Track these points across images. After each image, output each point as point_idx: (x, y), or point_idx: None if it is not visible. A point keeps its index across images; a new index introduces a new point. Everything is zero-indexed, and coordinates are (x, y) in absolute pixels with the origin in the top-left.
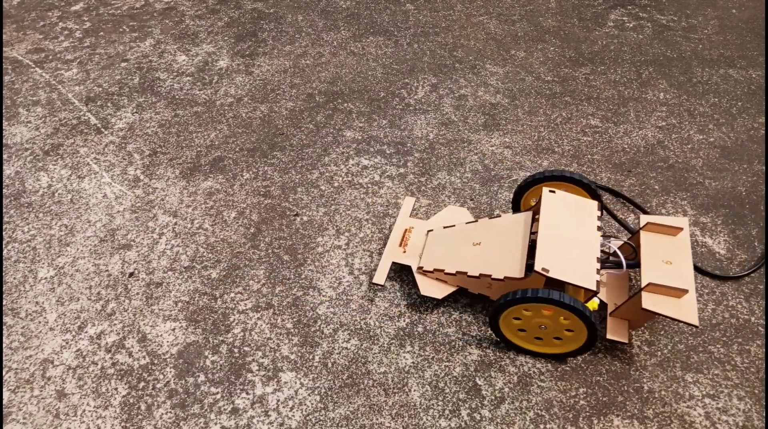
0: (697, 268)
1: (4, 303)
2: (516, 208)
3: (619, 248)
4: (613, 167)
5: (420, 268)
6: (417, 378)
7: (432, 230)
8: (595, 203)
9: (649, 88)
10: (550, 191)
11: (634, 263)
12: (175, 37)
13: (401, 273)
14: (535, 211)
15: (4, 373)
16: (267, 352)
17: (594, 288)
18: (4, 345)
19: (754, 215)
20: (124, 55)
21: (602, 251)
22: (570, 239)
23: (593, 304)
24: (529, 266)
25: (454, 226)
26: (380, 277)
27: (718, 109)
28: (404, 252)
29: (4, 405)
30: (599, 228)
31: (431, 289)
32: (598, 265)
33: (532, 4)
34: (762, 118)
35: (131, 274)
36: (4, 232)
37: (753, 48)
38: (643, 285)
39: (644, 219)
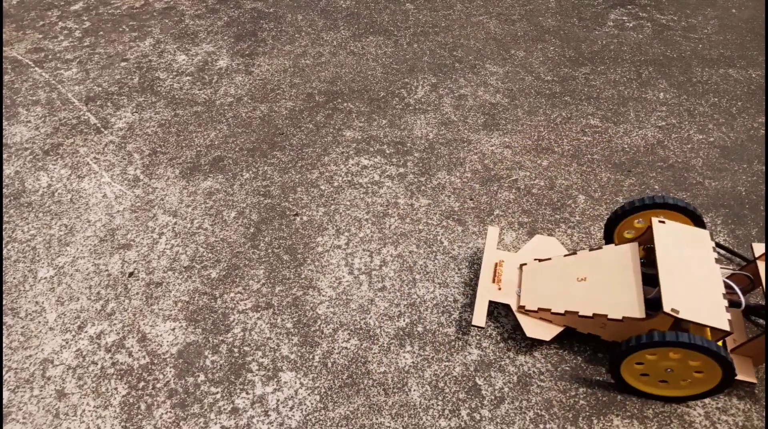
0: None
1: (4, 303)
2: (609, 238)
3: (731, 278)
4: (613, 167)
5: (522, 307)
6: (417, 378)
7: (526, 264)
8: (706, 233)
9: (649, 87)
10: (660, 221)
11: (755, 306)
12: (175, 37)
13: (401, 272)
14: (641, 242)
15: (4, 372)
16: (267, 351)
17: (728, 328)
18: (4, 345)
19: (754, 215)
20: (123, 55)
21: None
22: (691, 274)
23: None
24: (649, 303)
25: (550, 259)
26: (480, 319)
27: (717, 109)
28: (499, 289)
29: (4, 405)
30: (717, 260)
31: (537, 330)
32: (726, 303)
33: (531, 3)
34: (762, 117)
35: (131, 274)
36: (4, 232)
37: (753, 48)
38: None
39: (758, 248)
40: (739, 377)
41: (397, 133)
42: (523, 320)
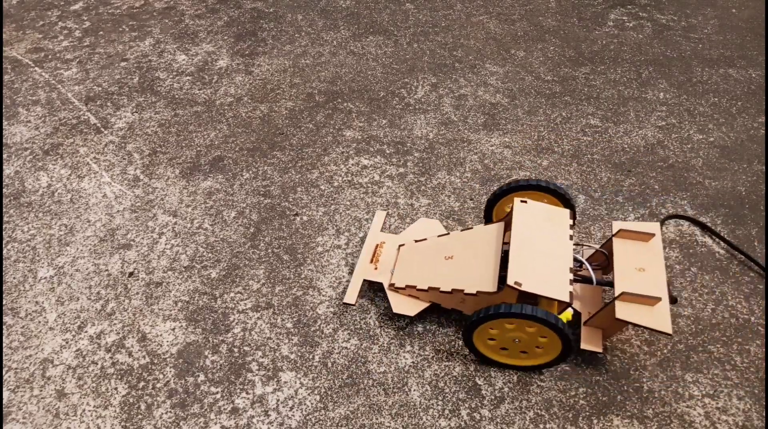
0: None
1: (4, 303)
2: (488, 219)
3: (592, 256)
4: (613, 167)
5: (392, 285)
6: (417, 378)
7: (403, 245)
8: (566, 211)
9: (649, 87)
10: (522, 201)
11: (606, 282)
12: (175, 37)
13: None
14: (507, 221)
15: (4, 372)
16: (267, 351)
17: (567, 300)
18: (4, 345)
19: (754, 215)
20: (123, 55)
21: (576, 260)
22: (542, 250)
23: (567, 315)
24: (502, 279)
25: (425, 239)
26: (351, 296)
27: (717, 109)
28: (375, 268)
29: (4, 405)
30: (571, 237)
31: (403, 306)
32: (571, 276)
33: (531, 3)
34: (762, 117)
35: (131, 274)
36: (4, 232)
37: (753, 48)
38: (616, 294)
39: (616, 225)
40: (584, 347)
41: (397, 133)
42: (392, 297)
